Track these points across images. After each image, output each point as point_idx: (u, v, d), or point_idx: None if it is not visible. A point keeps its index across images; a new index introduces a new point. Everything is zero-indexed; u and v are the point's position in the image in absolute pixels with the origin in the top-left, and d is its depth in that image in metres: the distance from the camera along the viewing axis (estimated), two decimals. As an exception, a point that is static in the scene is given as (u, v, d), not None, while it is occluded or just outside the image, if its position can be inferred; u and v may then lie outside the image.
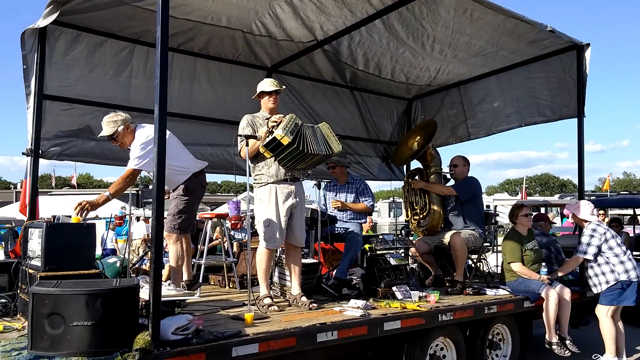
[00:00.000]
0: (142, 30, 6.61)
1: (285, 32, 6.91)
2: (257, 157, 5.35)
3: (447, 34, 6.95)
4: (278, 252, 6.04)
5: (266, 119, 5.33)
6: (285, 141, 4.86)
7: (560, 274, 6.71)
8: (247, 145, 5.08)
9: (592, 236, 6.35)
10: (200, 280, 6.42)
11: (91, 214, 5.14)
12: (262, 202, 5.35)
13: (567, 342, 6.31)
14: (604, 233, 6.37)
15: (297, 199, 5.42)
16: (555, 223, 14.54)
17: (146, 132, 5.23)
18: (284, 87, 5.84)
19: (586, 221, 6.55)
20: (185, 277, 5.81)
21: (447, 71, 8.44)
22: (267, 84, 5.50)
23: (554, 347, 6.23)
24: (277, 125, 4.98)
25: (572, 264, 6.63)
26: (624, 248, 6.41)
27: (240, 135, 5.23)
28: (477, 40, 7.21)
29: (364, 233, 7.89)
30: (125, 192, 5.45)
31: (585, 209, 6.59)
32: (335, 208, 7.15)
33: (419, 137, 7.62)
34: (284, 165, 5.23)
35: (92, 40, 6.53)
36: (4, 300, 4.80)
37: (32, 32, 5.86)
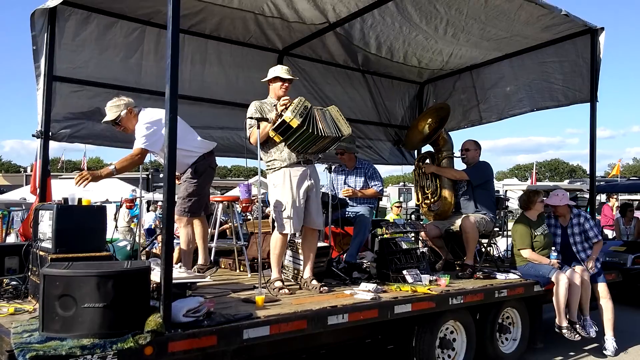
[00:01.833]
0: (152, 11, 6.56)
1: (297, 14, 6.85)
2: (267, 143, 5.25)
3: (460, 19, 6.88)
4: (289, 236, 6.02)
5: (274, 105, 5.26)
6: (295, 123, 4.79)
7: (592, 262, 6.63)
8: (258, 127, 5.03)
9: (594, 219, 6.66)
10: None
11: (101, 198, 5.14)
12: (276, 187, 5.25)
13: (577, 326, 6.31)
14: None
15: (313, 181, 5.32)
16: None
17: (149, 113, 5.21)
18: (297, 77, 5.78)
19: (570, 207, 6.75)
20: (200, 261, 5.80)
21: (460, 55, 8.37)
22: (283, 71, 5.36)
23: (564, 331, 6.23)
24: (286, 108, 4.92)
25: (599, 248, 6.72)
26: None
27: (251, 118, 5.15)
28: (492, 28, 7.15)
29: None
30: (136, 175, 5.44)
31: (566, 195, 6.77)
32: (346, 196, 7.11)
33: (430, 120, 7.55)
34: (294, 149, 5.14)
35: (103, 21, 6.49)
36: (15, 283, 4.81)
37: (42, 13, 5.83)
